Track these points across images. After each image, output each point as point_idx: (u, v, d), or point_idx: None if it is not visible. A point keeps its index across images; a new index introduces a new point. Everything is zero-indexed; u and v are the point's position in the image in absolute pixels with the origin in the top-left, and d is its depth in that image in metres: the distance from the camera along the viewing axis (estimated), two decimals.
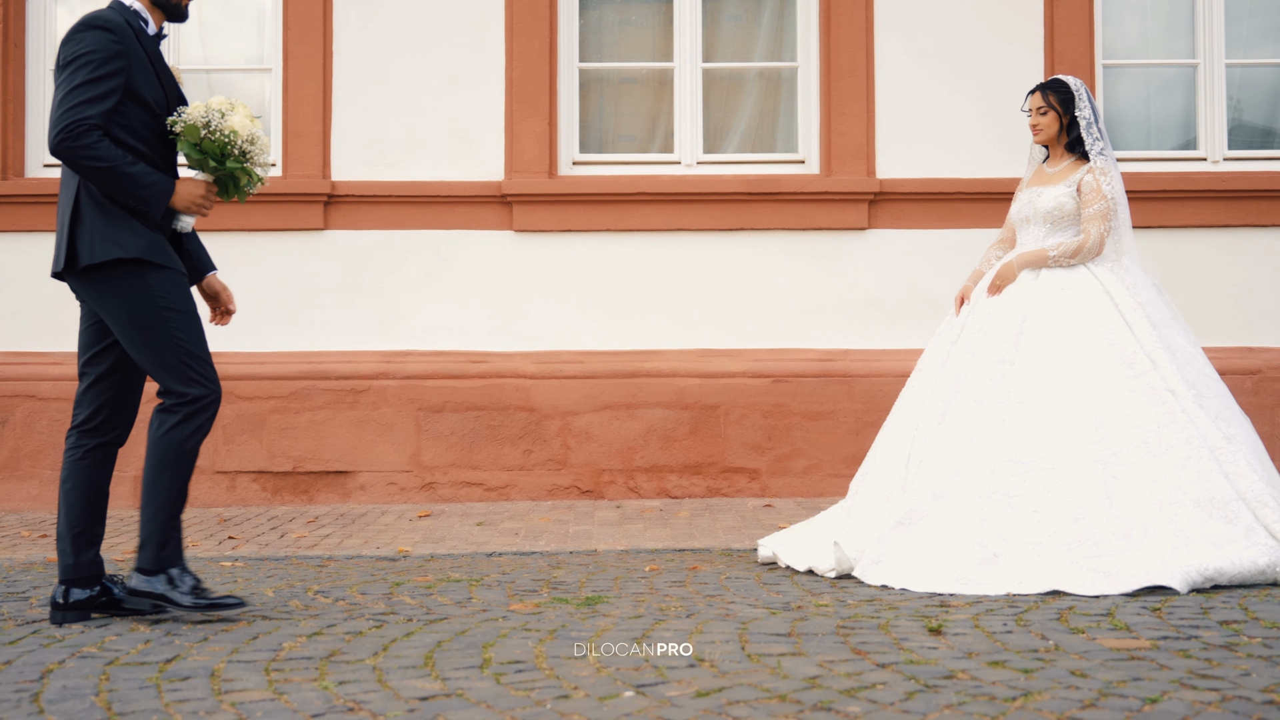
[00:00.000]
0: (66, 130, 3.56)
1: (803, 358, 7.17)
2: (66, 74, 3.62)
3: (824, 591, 4.21)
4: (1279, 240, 7.24)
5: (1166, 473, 4.20)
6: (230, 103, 3.77)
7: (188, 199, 3.76)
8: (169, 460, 3.69)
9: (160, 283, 3.70)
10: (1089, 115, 4.79)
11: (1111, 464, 4.23)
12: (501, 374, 7.11)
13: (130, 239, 3.65)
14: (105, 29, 3.64)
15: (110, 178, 3.61)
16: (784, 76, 7.49)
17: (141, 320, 3.68)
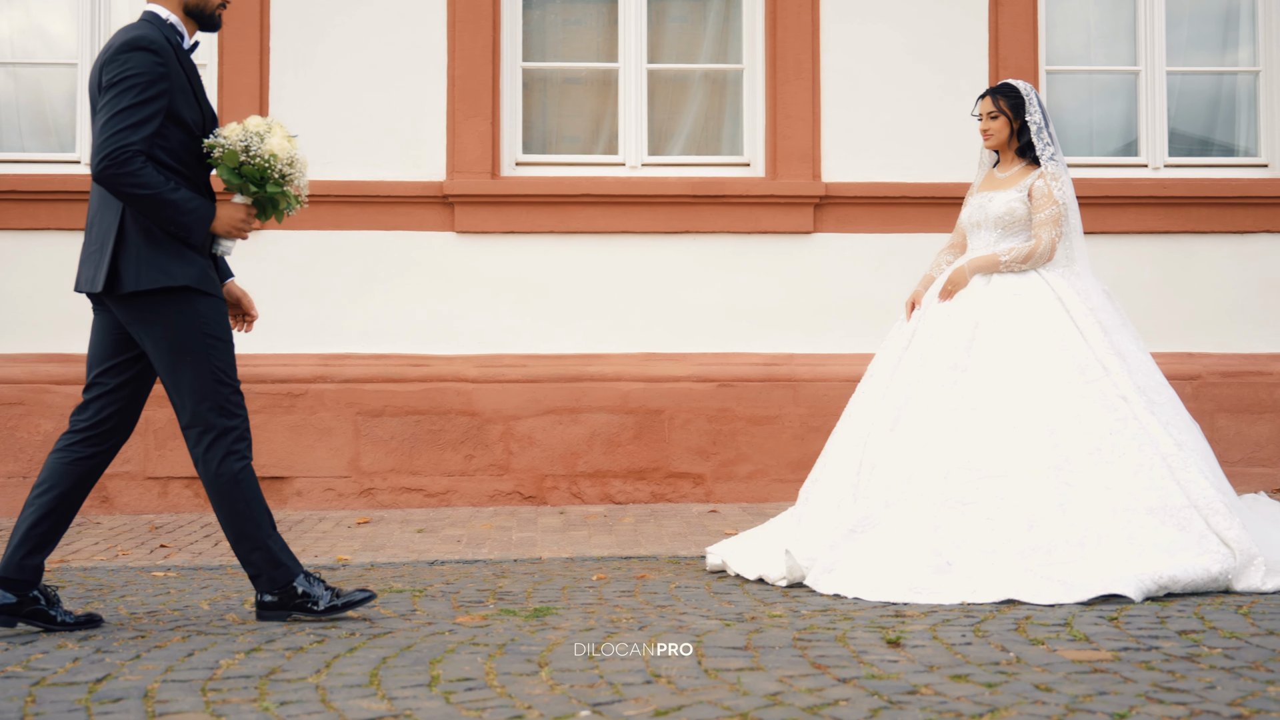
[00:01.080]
0: (110, 157, 3.50)
1: (748, 362, 7.11)
2: (110, 97, 3.55)
3: (776, 601, 4.13)
4: (1218, 247, 7.29)
5: (1120, 480, 4.18)
6: (267, 123, 3.73)
7: (228, 224, 3.73)
8: (229, 493, 3.70)
9: (207, 310, 3.69)
10: (1039, 120, 4.77)
11: (1065, 471, 4.20)
12: (442, 377, 6.98)
13: (178, 267, 3.62)
14: (150, 50, 3.58)
15: (153, 205, 3.56)
16: (729, 79, 7.43)
17: (183, 347, 3.65)
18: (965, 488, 4.23)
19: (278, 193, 3.72)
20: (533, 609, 4.01)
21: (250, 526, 3.75)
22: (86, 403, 3.78)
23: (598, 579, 4.70)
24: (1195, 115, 7.61)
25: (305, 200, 3.85)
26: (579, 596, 4.30)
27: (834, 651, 3.25)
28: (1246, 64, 7.55)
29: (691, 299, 7.13)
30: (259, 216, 3.79)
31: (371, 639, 3.55)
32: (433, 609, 4.08)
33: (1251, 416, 7.14)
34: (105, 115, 3.54)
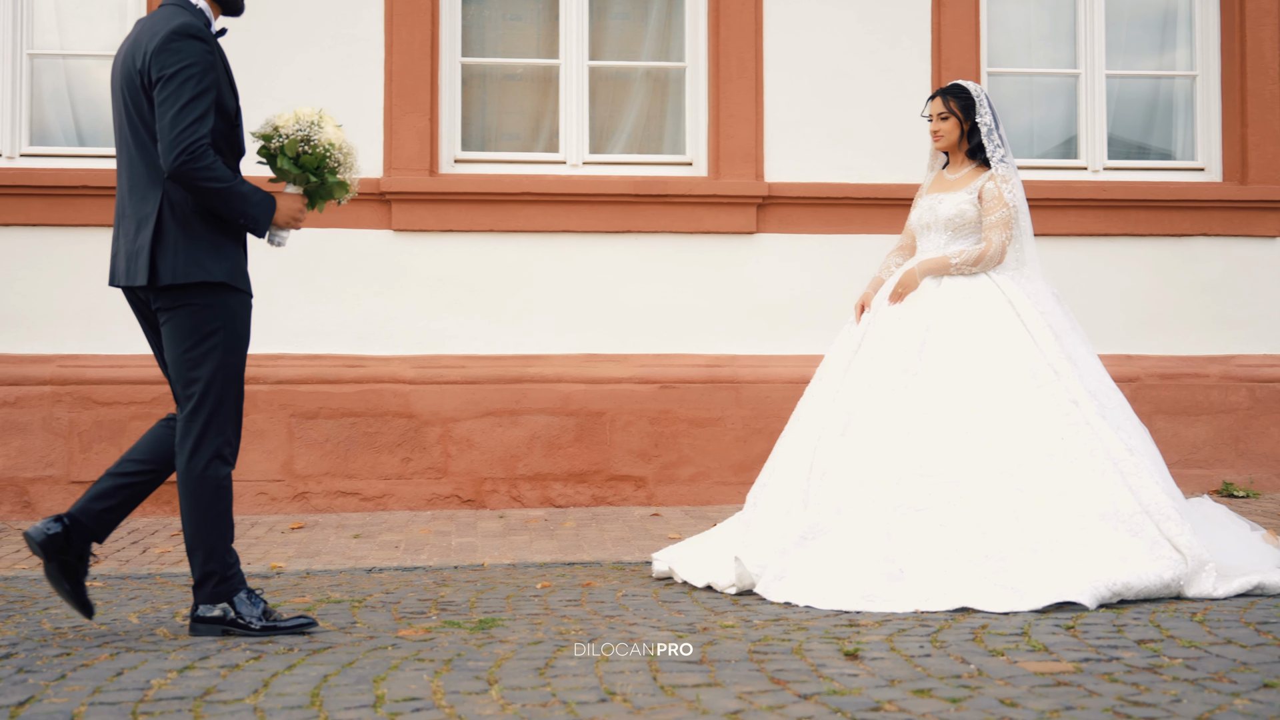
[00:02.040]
0: (187, 152, 3.45)
1: (690, 363, 7.03)
2: (171, 89, 3.48)
3: (727, 610, 4.05)
4: (1156, 249, 7.33)
5: (1072, 485, 4.14)
6: (318, 112, 3.71)
7: (289, 214, 3.72)
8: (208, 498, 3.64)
9: (237, 307, 3.67)
10: (990, 122, 4.73)
11: (1017, 476, 4.16)
12: (379, 379, 6.83)
13: (215, 262, 3.59)
14: (200, 39, 3.54)
15: (225, 198, 3.53)
16: (672, 77, 7.34)
17: (205, 341, 3.62)
18: (918, 494, 4.17)
19: (336, 182, 3.71)
20: (478, 620, 3.89)
21: (215, 536, 3.65)
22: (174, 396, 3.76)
23: (542, 587, 4.59)
24: (1134, 119, 7.65)
25: (356, 189, 3.84)
26: (524, 606, 4.18)
27: (792, 665, 3.17)
28: (1184, 68, 7.60)
29: (633, 300, 7.04)
30: (308, 205, 3.78)
31: (311, 655, 3.41)
32: (374, 621, 3.95)
33: (1188, 418, 7.18)
34: (171, 109, 3.46)
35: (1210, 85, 7.51)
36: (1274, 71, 7.34)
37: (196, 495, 3.63)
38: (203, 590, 3.68)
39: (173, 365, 3.67)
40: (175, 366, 3.66)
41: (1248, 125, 7.35)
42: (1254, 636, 3.36)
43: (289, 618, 3.73)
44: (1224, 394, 7.24)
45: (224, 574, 3.66)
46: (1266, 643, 3.27)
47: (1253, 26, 7.35)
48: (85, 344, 6.74)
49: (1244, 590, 4.01)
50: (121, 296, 6.62)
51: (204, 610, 3.68)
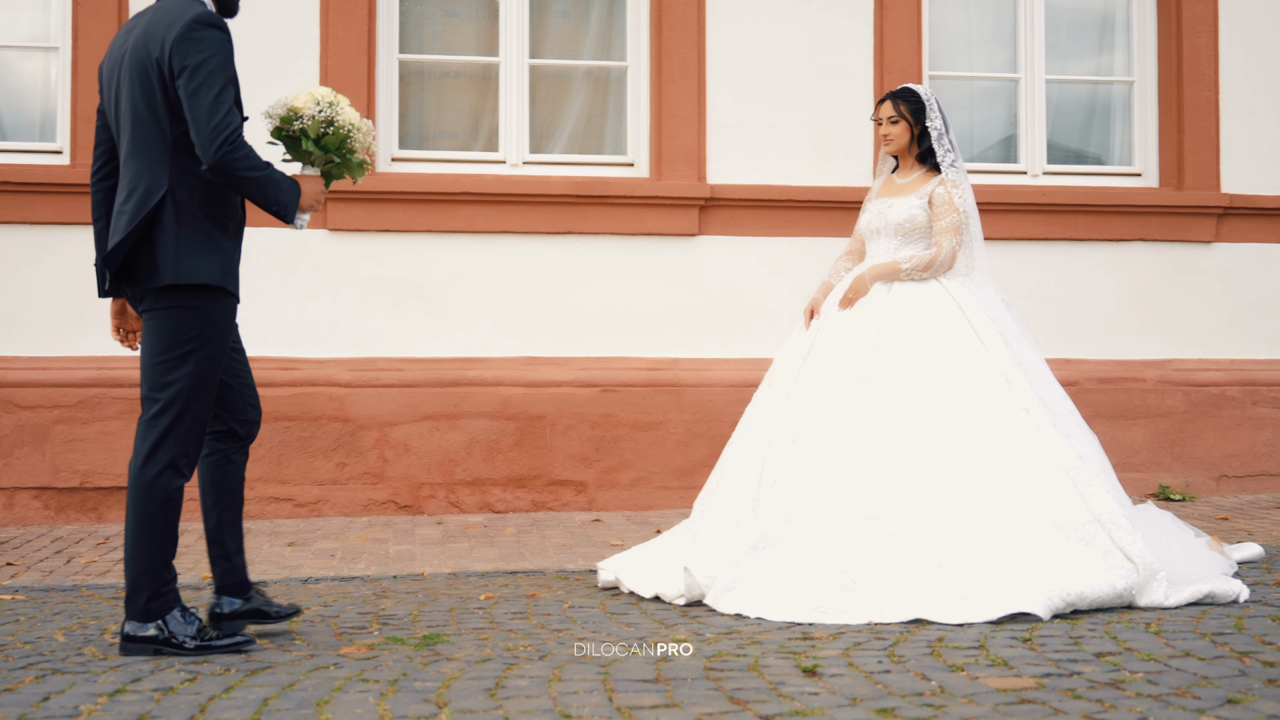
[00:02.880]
0: (229, 142, 3.39)
1: (631, 366, 6.94)
2: (202, 78, 3.41)
3: (677, 622, 3.97)
4: (1095, 254, 7.37)
5: (1025, 494, 4.11)
6: (332, 92, 3.66)
7: (312, 197, 3.67)
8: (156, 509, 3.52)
9: (221, 314, 3.57)
10: (940, 126, 4.69)
11: (970, 485, 4.11)
12: (314, 382, 6.67)
13: (216, 264, 3.53)
14: (221, 28, 3.48)
15: (262, 185, 3.48)
16: (613, 76, 7.25)
17: (182, 344, 3.51)
18: (870, 502, 4.11)
19: (358, 162, 3.68)
20: (421, 636, 3.77)
21: (155, 549, 3.51)
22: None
23: (486, 599, 4.48)
24: (1073, 123, 7.69)
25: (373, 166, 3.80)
26: (469, 620, 4.07)
27: (750, 684, 3.09)
28: (1122, 73, 7.64)
29: (574, 302, 6.94)
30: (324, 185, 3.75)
31: (249, 675, 3.27)
32: (313, 637, 3.81)
33: (1126, 422, 7.22)
34: (206, 100, 3.39)
35: (1148, 91, 7.56)
36: (1210, 78, 7.41)
37: (144, 504, 3.50)
38: (134, 605, 3.52)
39: (146, 367, 3.56)
40: (148, 369, 3.55)
41: (1184, 131, 7.41)
42: (1211, 648, 3.34)
43: (224, 636, 3.59)
44: (1160, 398, 7.29)
45: (158, 590, 3.52)
46: (1224, 655, 3.25)
47: (1189, 33, 7.41)
48: (6, 346, 6.51)
49: (1194, 599, 4.00)
50: (45, 297, 6.43)
51: (135, 629, 3.52)
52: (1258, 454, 7.33)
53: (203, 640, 3.53)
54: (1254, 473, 7.32)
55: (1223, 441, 7.31)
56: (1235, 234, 7.47)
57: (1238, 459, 7.32)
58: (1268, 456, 7.33)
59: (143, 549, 3.51)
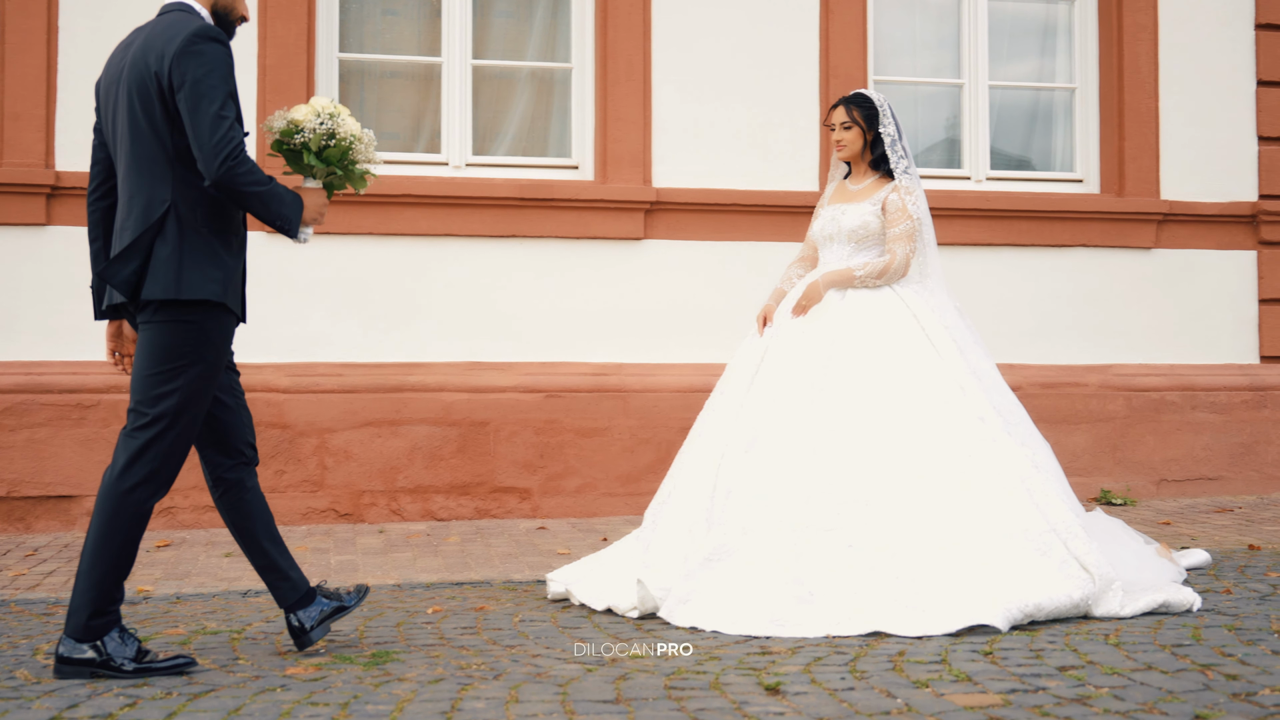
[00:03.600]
0: (232, 157, 3.32)
1: (576, 372, 6.86)
2: (203, 92, 3.35)
3: (632, 637, 3.89)
4: (1037, 259, 7.40)
5: (981, 504, 4.08)
6: (333, 103, 3.59)
7: (315, 211, 3.61)
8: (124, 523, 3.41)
9: (219, 333, 3.50)
10: (894, 132, 4.65)
11: (926, 495, 4.08)
12: (251, 387, 6.49)
13: (219, 281, 3.46)
14: (222, 42, 3.43)
15: (265, 200, 3.42)
16: (557, 78, 7.16)
17: (176, 359, 3.43)
18: (826, 513, 4.06)
19: (360, 173, 3.63)
20: (370, 654, 3.66)
21: (112, 563, 3.40)
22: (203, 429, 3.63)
23: (434, 612, 4.37)
24: (1015, 129, 7.72)
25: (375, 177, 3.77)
26: (418, 635, 3.97)
27: (713, 703, 3.02)
28: (1064, 80, 7.69)
29: (518, 306, 6.84)
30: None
31: (192, 700, 3.14)
32: (257, 656, 3.69)
33: (1068, 427, 7.26)
34: (207, 112, 3.32)
35: (1089, 98, 7.61)
36: (1150, 85, 7.47)
37: (113, 516, 3.40)
38: (74, 620, 3.39)
39: (137, 379, 3.47)
40: (139, 381, 3.46)
41: (1125, 138, 7.46)
42: (1173, 661, 3.33)
43: (165, 657, 3.45)
44: (1102, 403, 7.34)
45: (103, 607, 3.39)
46: (1187, 668, 3.24)
47: (1130, 41, 7.47)
48: None
49: (1149, 609, 3.99)
50: None
51: (71, 649, 3.38)
52: (1196, 458, 7.40)
53: (140, 663, 3.40)
54: (1193, 477, 7.39)
55: (1163, 446, 7.37)
56: (1174, 240, 7.55)
57: (1177, 463, 7.38)
58: (1206, 461, 7.41)
59: (100, 561, 3.39)
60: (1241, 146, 7.60)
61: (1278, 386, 7.51)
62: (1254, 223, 7.59)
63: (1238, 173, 7.59)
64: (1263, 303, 7.61)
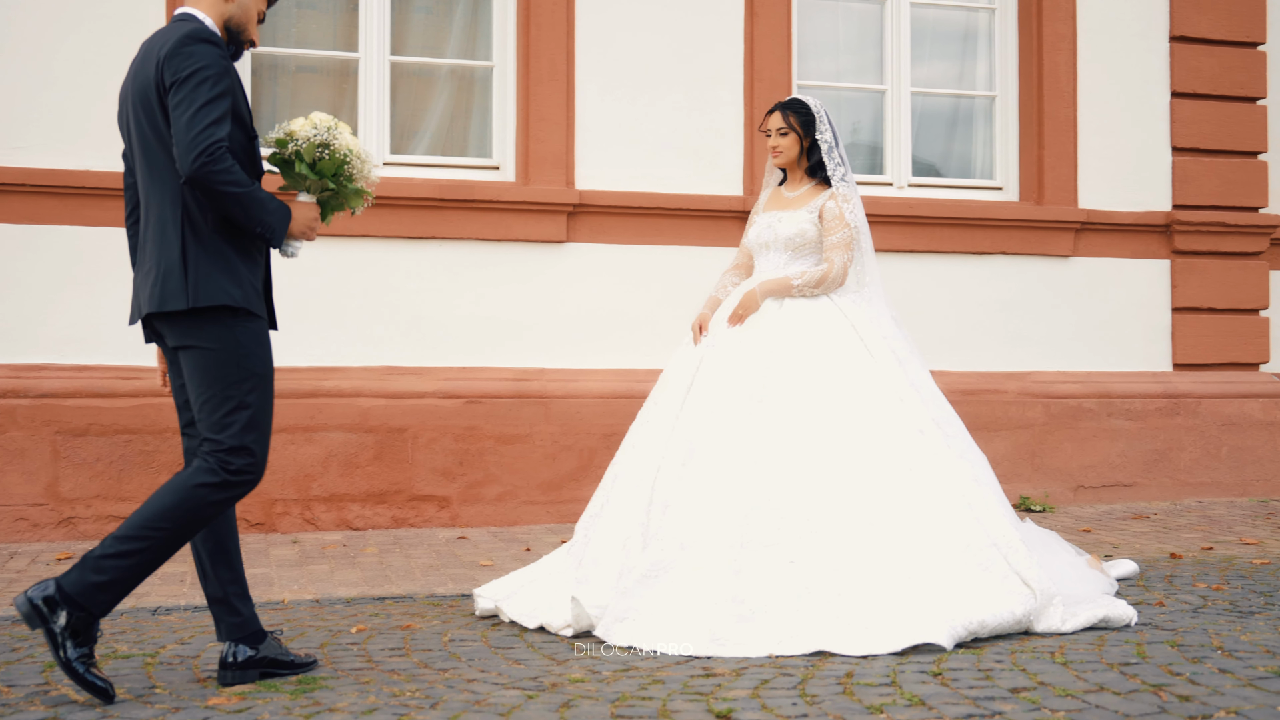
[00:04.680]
0: (206, 154, 3.22)
1: (497, 377, 6.71)
2: (186, 91, 3.27)
3: (569, 658, 3.76)
4: (958, 267, 7.42)
5: (922, 518, 4.02)
6: (332, 119, 3.52)
7: (303, 224, 3.51)
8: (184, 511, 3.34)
9: (251, 337, 3.45)
10: (830, 139, 4.58)
11: (867, 509, 4.01)
12: (157, 392, 6.25)
13: (235, 286, 3.40)
14: (214, 44, 3.35)
15: (243, 203, 3.32)
16: (478, 76, 7.00)
17: (222, 374, 3.39)
18: (766, 528, 3.97)
19: (353, 190, 3.54)
20: (297, 680, 3.49)
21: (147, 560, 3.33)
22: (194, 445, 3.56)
23: (358, 631, 4.20)
24: (937, 136, 7.73)
25: (372, 198, 3.65)
26: (344, 658, 3.80)
27: None
28: (984, 88, 7.71)
29: (437, 309, 6.67)
30: (320, 216, 3.59)
31: None
32: (175, 683, 3.49)
33: (989, 434, 7.28)
34: (187, 111, 3.25)
35: (1009, 106, 7.65)
36: (1069, 95, 7.53)
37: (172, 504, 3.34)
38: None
39: (193, 395, 3.43)
40: (198, 396, 3.42)
41: (1044, 147, 7.51)
42: (1123, 681, 3.29)
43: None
44: (1021, 409, 7.38)
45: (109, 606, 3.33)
46: (1139, 689, 3.20)
47: (1049, 50, 7.52)
48: None
49: (1089, 624, 3.97)
50: None
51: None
52: (1112, 465, 7.47)
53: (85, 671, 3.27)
54: (1109, 483, 7.47)
55: (1080, 452, 7.43)
56: (1092, 249, 7.62)
57: (1094, 470, 7.45)
58: (1121, 467, 7.49)
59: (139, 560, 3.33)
60: (1156, 157, 7.69)
61: (1190, 394, 7.62)
62: (1168, 232, 7.69)
63: (1152, 183, 7.69)
64: (1175, 311, 7.72)
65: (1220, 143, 7.76)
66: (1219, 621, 4.06)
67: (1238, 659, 3.49)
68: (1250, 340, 7.81)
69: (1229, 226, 7.73)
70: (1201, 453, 7.59)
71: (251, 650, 3.53)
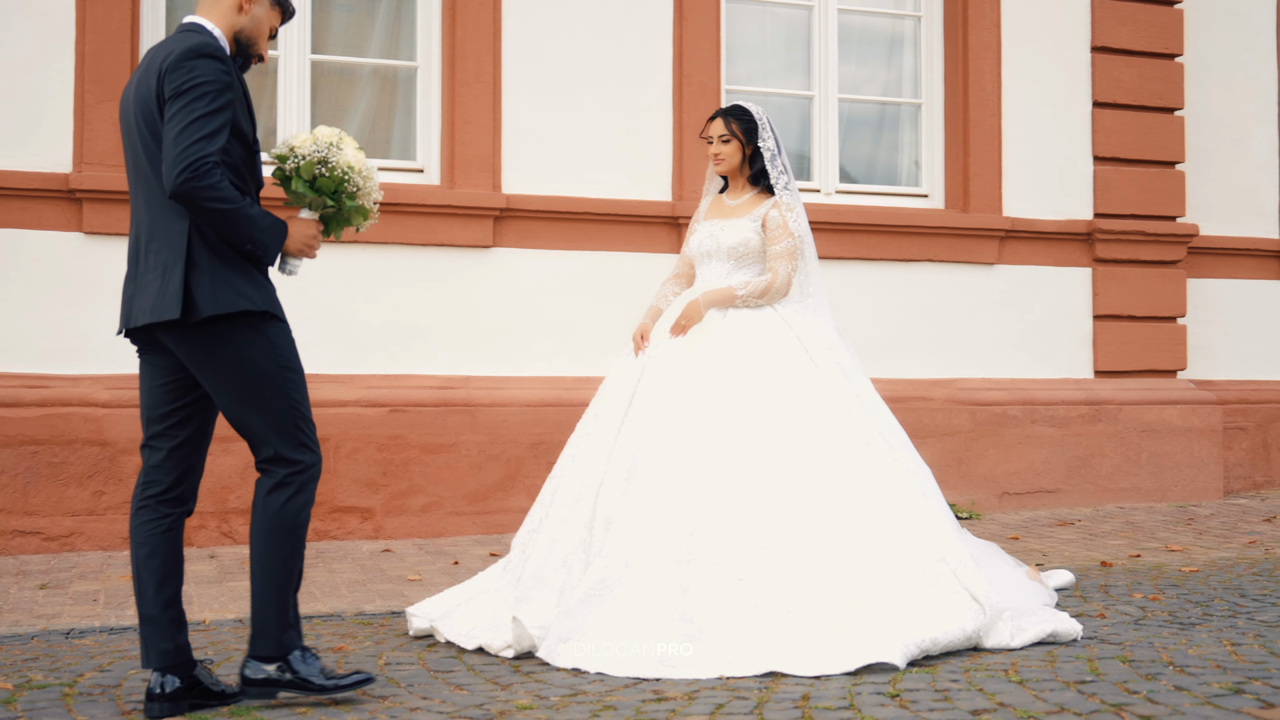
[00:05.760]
0: (191, 169, 3.16)
1: (422, 385, 6.54)
2: (181, 105, 3.22)
3: (513, 682, 3.64)
4: (885, 274, 7.41)
5: (871, 533, 3.96)
6: (337, 133, 3.45)
7: (301, 241, 3.45)
8: (285, 535, 3.38)
9: (279, 338, 3.42)
10: (773, 146, 4.51)
11: (816, 525, 3.94)
12: (66, 401, 6.00)
13: (253, 290, 3.34)
14: (216, 58, 3.28)
15: (232, 220, 3.24)
16: (402, 76, 6.83)
17: (259, 379, 3.35)
18: (714, 545, 3.88)
19: (354, 207, 3.48)
20: (229, 712, 3.32)
21: (284, 580, 3.40)
22: (159, 463, 3.45)
23: None
24: (864, 143, 7.72)
25: (377, 215, 3.58)
26: None
27: None
28: (910, 95, 7.72)
29: (360, 315, 6.49)
30: (323, 233, 3.53)
31: None
32: (97, 716, 3.30)
33: (916, 441, 7.10)
34: (178, 125, 3.20)
35: (935, 113, 7.67)
36: (994, 103, 7.56)
37: (274, 536, 3.38)
38: (260, 643, 3.40)
39: (228, 411, 3.38)
40: (232, 412, 3.38)
41: (969, 154, 7.54)
42: (1083, 701, 3.25)
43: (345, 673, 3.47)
44: (947, 417, 7.39)
45: (287, 622, 3.41)
46: (1100, 709, 3.17)
47: (975, 59, 7.55)
48: None
49: (1038, 639, 3.93)
50: None
51: (256, 671, 3.38)
52: (1036, 471, 7.53)
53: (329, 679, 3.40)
54: (1033, 489, 7.52)
55: (1005, 459, 7.47)
56: (1015, 257, 7.66)
57: (1018, 476, 7.49)
58: (1045, 474, 7.54)
59: (278, 585, 3.40)
60: (1078, 166, 7.77)
61: (1111, 401, 7.70)
62: (1089, 240, 7.76)
63: (1075, 191, 7.76)
64: (1097, 319, 7.80)
65: (1140, 153, 7.86)
66: (1162, 634, 4.06)
67: (1191, 675, 3.48)
68: (1168, 348, 7.91)
69: (1148, 235, 7.83)
70: (1122, 459, 7.68)
71: (181, 681, 3.35)
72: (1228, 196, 8.42)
